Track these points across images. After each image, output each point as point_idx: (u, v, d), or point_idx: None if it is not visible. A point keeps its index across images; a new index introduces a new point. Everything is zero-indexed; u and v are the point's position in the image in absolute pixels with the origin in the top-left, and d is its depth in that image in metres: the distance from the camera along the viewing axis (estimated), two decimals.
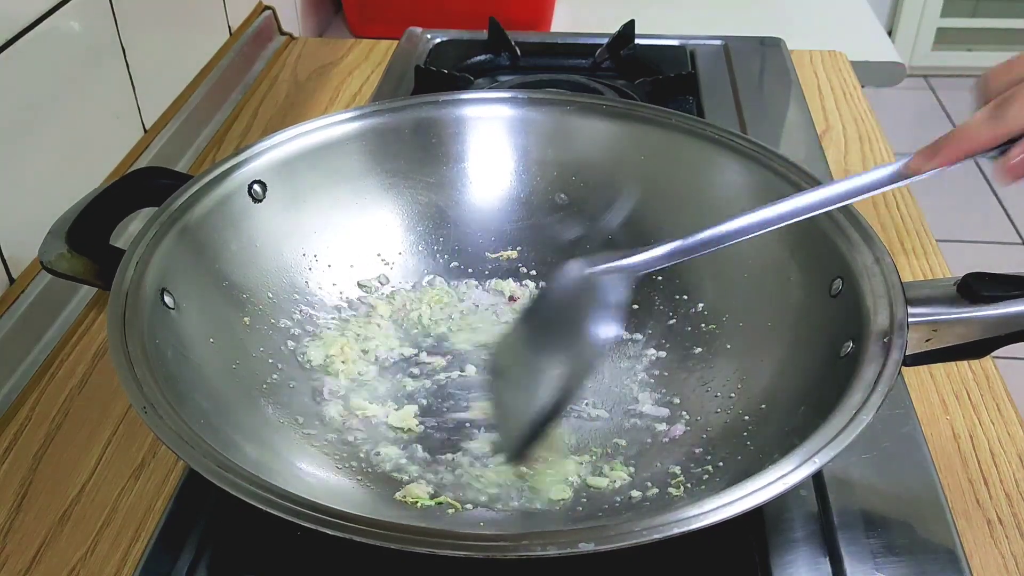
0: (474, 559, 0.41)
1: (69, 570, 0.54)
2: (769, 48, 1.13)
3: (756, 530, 0.54)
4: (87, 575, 0.54)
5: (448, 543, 0.41)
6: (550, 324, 0.58)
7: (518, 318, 0.64)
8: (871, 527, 0.54)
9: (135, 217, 0.72)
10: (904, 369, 0.50)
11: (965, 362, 0.68)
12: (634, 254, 0.55)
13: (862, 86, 1.11)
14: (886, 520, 0.54)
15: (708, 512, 0.42)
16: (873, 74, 1.21)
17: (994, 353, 0.68)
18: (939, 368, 0.67)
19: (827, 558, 0.53)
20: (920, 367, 0.67)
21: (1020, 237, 2.24)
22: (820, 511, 0.55)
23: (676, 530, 0.41)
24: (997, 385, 0.66)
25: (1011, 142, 0.47)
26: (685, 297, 0.68)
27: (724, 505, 0.42)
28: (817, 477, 0.57)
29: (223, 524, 0.54)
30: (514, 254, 0.74)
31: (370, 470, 0.56)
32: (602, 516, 0.53)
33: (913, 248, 0.81)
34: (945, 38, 3.00)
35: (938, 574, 0.51)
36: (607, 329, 0.54)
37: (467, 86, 1.01)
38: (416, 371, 0.65)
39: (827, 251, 0.58)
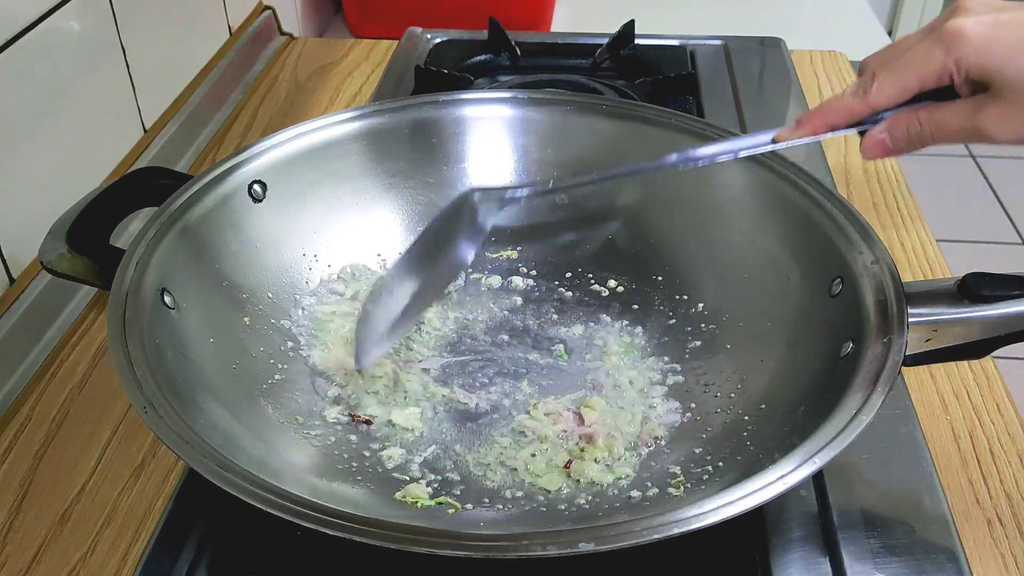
0: (474, 559, 0.41)
1: (69, 570, 0.54)
2: (769, 48, 1.13)
3: (756, 530, 0.54)
4: (87, 575, 0.54)
5: (448, 543, 0.41)
6: (432, 243, 0.63)
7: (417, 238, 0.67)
8: (871, 527, 0.54)
9: (135, 217, 0.72)
10: (904, 369, 0.50)
11: (965, 362, 0.68)
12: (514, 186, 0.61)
13: None
14: (886, 520, 0.54)
15: (708, 512, 0.42)
16: None
17: (994, 353, 0.68)
18: (939, 368, 0.67)
19: (827, 558, 0.53)
20: (920, 367, 0.67)
21: (1020, 237, 2.24)
22: (820, 511, 0.55)
23: (676, 530, 0.41)
24: (997, 385, 0.66)
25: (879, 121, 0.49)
26: (685, 297, 0.68)
27: (724, 505, 0.42)
28: (817, 477, 0.57)
29: (223, 524, 0.54)
30: (514, 254, 0.74)
31: (371, 470, 0.56)
32: (602, 516, 0.53)
33: (913, 248, 0.81)
34: None
35: (938, 574, 0.51)
36: (465, 251, 0.59)
37: (467, 86, 1.01)
38: (418, 369, 0.65)
39: (827, 251, 0.58)
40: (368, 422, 0.60)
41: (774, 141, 0.53)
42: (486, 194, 0.61)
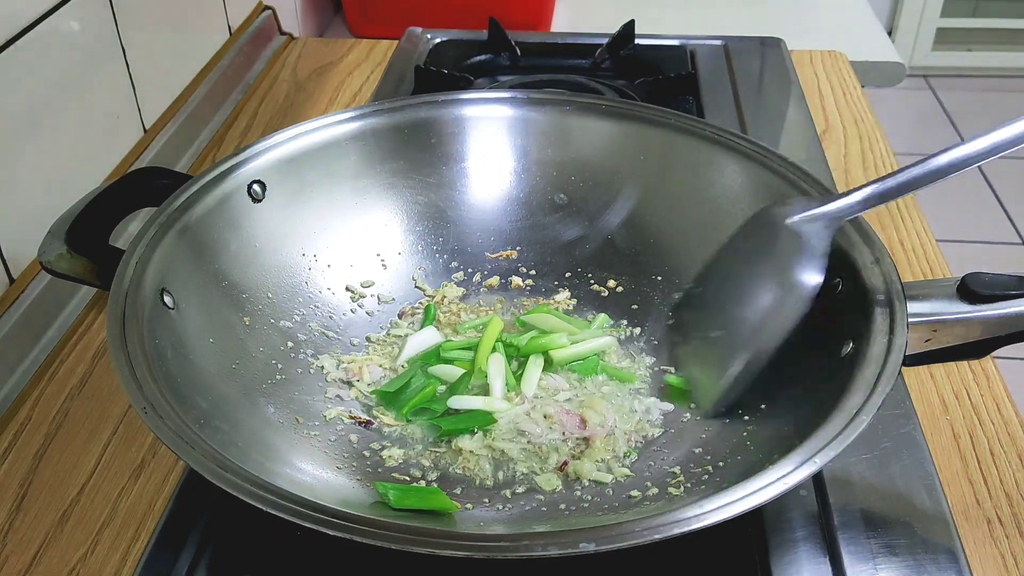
0: (475, 559, 0.41)
1: (69, 570, 0.54)
2: (769, 48, 1.13)
3: (756, 530, 0.54)
4: (87, 575, 0.54)
5: (449, 543, 0.41)
6: (746, 271, 0.60)
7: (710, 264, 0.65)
8: (871, 527, 0.54)
9: (135, 217, 0.72)
10: (904, 369, 0.50)
11: (965, 362, 0.68)
12: (830, 200, 0.57)
13: (862, 86, 1.11)
14: (886, 520, 0.54)
15: (708, 512, 0.42)
16: (873, 74, 1.21)
17: (994, 353, 0.68)
18: (939, 368, 0.67)
19: (827, 558, 0.53)
20: (920, 367, 0.67)
21: (1020, 237, 2.24)
22: (820, 511, 0.55)
23: (676, 530, 0.41)
24: (997, 385, 0.66)
25: None
26: (684, 296, 0.68)
27: (725, 505, 0.42)
28: (817, 477, 0.57)
29: (223, 524, 0.54)
30: (514, 254, 0.74)
31: (371, 470, 0.57)
32: (602, 515, 0.53)
33: (913, 248, 0.81)
34: (945, 38, 3.00)
35: (938, 574, 0.51)
36: (811, 276, 0.55)
37: (467, 86, 1.01)
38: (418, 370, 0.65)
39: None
40: (368, 423, 0.60)
41: None
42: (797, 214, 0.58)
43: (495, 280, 0.72)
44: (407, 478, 0.56)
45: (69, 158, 0.77)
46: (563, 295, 0.71)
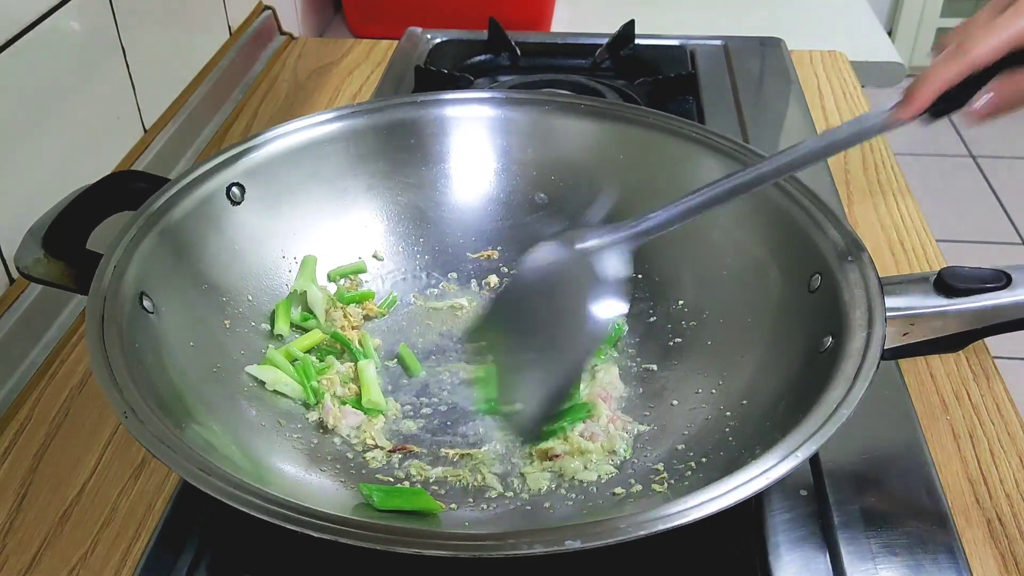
0: (461, 559, 0.41)
1: (69, 570, 0.54)
2: (769, 48, 1.13)
3: (756, 530, 0.54)
4: (87, 575, 0.54)
5: (435, 543, 0.41)
6: (538, 305, 0.58)
7: (494, 300, 0.62)
8: (871, 527, 0.54)
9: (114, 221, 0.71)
10: (904, 369, 0.50)
11: (965, 362, 0.68)
12: (623, 228, 0.56)
13: (862, 86, 1.11)
14: (886, 520, 0.54)
15: (692, 508, 0.42)
16: (873, 74, 1.21)
17: (994, 353, 0.68)
18: (939, 368, 0.67)
19: (827, 558, 0.53)
20: (920, 367, 0.67)
21: (1020, 237, 2.24)
22: (820, 511, 0.55)
23: (661, 526, 0.41)
24: (997, 385, 0.66)
25: (977, 86, 0.51)
26: (665, 295, 0.68)
27: (709, 500, 0.42)
28: (817, 477, 0.57)
29: (223, 524, 0.54)
30: (495, 254, 0.74)
31: (355, 472, 0.56)
32: (586, 513, 0.53)
33: (913, 248, 0.81)
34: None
35: (938, 574, 0.51)
36: (613, 306, 0.54)
37: (467, 86, 1.01)
38: (401, 371, 0.65)
39: (806, 247, 0.59)
40: (353, 424, 0.60)
41: (893, 120, 0.53)
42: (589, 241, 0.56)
43: (472, 282, 0.72)
44: (391, 479, 0.56)
45: (69, 158, 0.77)
46: None
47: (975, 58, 0.50)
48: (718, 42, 1.14)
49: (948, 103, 0.52)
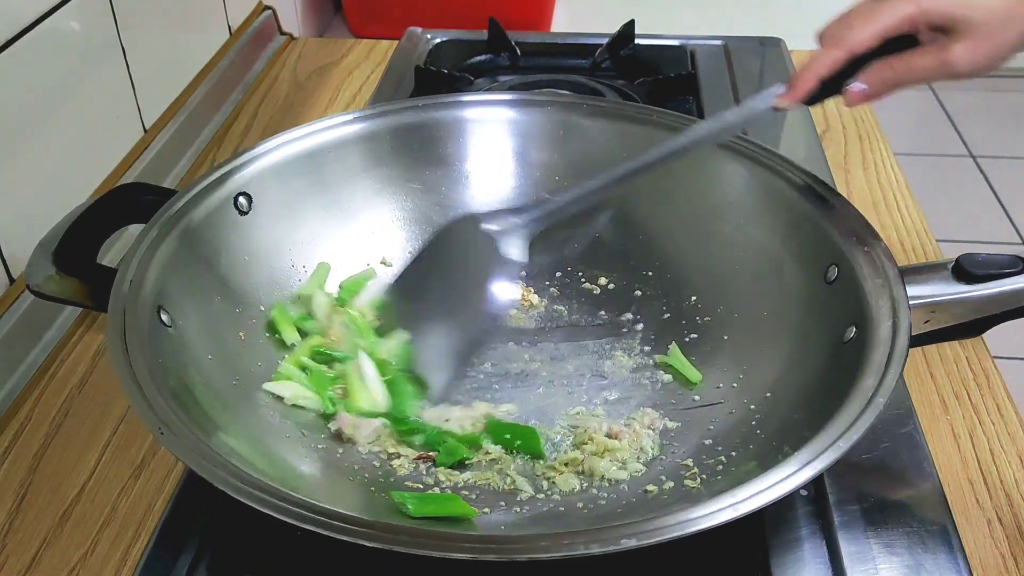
0: (480, 561, 0.41)
1: (69, 570, 0.54)
2: (769, 48, 1.13)
3: (756, 530, 0.54)
4: (87, 575, 0.54)
5: (457, 546, 0.41)
6: (445, 279, 0.63)
7: (406, 268, 0.67)
8: (871, 527, 0.54)
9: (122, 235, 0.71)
10: (904, 369, 0.50)
11: (965, 362, 0.68)
12: (525, 210, 0.61)
13: None
14: (886, 520, 0.54)
15: (743, 501, 0.42)
16: None
17: (994, 353, 0.68)
18: (939, 368, 0.67)
19: (827, 558, 0.53)
20: (920, 367, 0.67)
21: (1020, 237, 2.24)
22: (820, 511, 0.55)
23: (719, 519, 0.42)
24: (997, 385, 0.66)
25: (855, 71, 0.55)
26: (678, 291, 0.68)
27: (760, 492, 0.43)
28: (817, 477, 0.57)
29: (223, 524, 0.54)
30: None
31: (382, 480, 0.56)
32: (621, 512, 0.53)
33: (913, 248, 0.81)
34: None
35: (938, 574, 0.51)
36: (507, 289, 0.60)
37: (467, 86, 1.01)
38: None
39: (818, 238, 0.59)
40: (376, 432, 0.59)
41: (779, 105, 0.58)
42: (495, 222, 0.61)
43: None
44: (420, 486, 0.56)
45: (69, 158, 0.77)
46: (554, 292, 0.71)
47: (854, 46, 0.54)
48: (718, 42, 1.14)
49: (829, 88, 0.56)
